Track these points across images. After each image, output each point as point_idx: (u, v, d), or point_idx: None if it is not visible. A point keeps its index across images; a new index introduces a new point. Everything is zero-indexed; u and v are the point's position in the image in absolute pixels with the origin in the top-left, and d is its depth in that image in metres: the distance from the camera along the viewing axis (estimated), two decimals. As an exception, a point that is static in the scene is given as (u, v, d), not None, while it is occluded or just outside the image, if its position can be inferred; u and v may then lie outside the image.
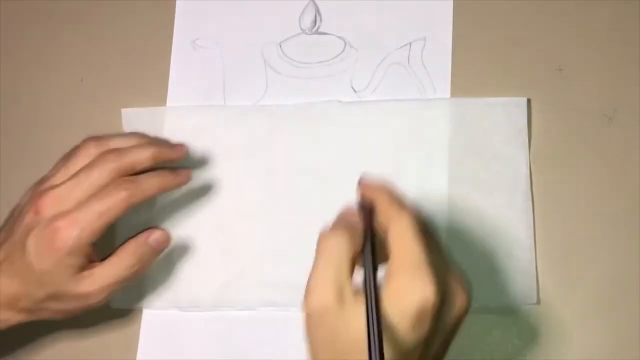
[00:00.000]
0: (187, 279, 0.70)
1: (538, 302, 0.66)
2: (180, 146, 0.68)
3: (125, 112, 0.75)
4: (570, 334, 0.66)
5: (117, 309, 0.71)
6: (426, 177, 0.70)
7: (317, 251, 0.51)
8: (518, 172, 0.69)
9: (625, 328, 0.65)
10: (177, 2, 0.78)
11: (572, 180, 0.69)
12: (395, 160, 0.70)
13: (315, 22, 0.75)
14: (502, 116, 0.70)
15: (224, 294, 0.70)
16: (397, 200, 0.53)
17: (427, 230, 0.52)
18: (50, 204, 0.62)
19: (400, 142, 0.71)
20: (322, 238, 0.52)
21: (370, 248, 0.51)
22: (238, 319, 0.70)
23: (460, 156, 0.70)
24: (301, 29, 0.76)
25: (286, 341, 0.69)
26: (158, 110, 0.75)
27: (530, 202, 0.68)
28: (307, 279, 0.51)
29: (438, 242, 0.53)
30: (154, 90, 0.76)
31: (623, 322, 0.65)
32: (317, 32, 0.75)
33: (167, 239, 0.66)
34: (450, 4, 0.74)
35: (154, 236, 0.65)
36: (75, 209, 0.61)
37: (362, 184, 0.55)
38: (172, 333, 0.70)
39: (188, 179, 0.67)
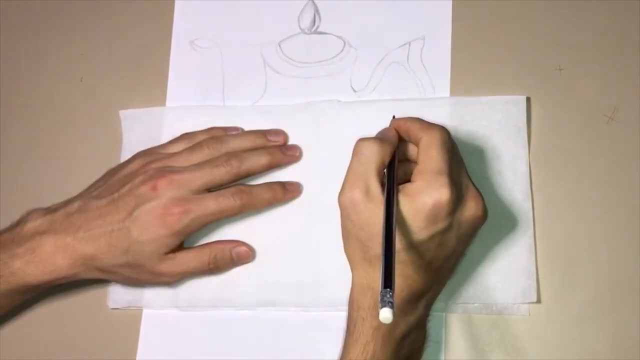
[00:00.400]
0: (187, 278, 0.70)
1: (538, 300, 0.66)
2: (293, 151, 0.71)
3: (124, 113, 0.76)
4: (570, 333, 0.66)
5: (117, 309, 0.71)
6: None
7: (352, 154, 0.61)
8: (518, 170, 0.69)
9: (624, 328, 0.65)
10: (175, 2, 0.78)
11: (572, 180, 0.69)
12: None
13: (314, 21, 0.75)
14: (501, 115, 0.70)
15: (223, 293, 0.70)
16: (429, 122, 0.62)
17: (453, 150, 0.62)
18: (168, 185, 0.66)
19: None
20: (358, 143, 0.61)
21: (395, 157, 0.61)
22: (237, 318, 0.70)
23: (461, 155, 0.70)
24: (300, 28, 0.76)
25: (285, 341, 0.69)
26: (157, 111, 0.75)
27: (530, 201, 0.68)
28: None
29: (461, 161, 0.63)
30: (154, 90, 0.76)
31: (623, 322, 0.65)
32: (317, 32, 0.75)
33: (248, 257, 0.70)
34: (450, 3, 0.74)
35: (238, 249, 0.70)
36: (193, 200, 0.66)
37: (395, 119, 0.65)
38: (172, 333, 0.70)
39: (298, 194, 0.71)
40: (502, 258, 0.67)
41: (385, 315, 0.50)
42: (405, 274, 0.59)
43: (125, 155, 0.74)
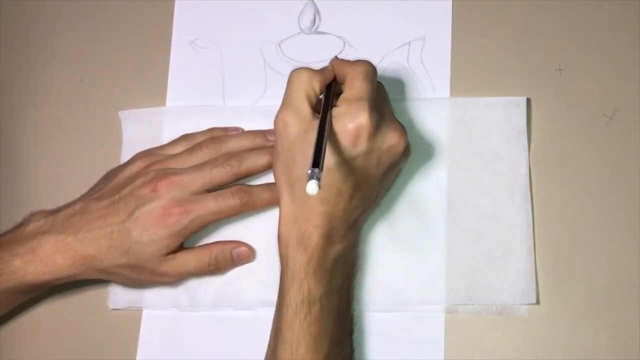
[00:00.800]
0: (187, 279, 0.70)
1: (537, 302, 0.66)
2: None
3: (124, 113, 0.75)
4: (570, 334, 0.66)
5: (117, 310, 0.71)
6: (426, 177, 0.70)
7: (287, 81, 0.64)
8: (517, 172, 0.69)
9: (624, 328, 0.65)
10: (176, 2, 0.78)
11: (571, 180, 0.69)
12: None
13: (314, 21, 0.75)
14: (501, 116, 0.70)
15: (223, 294, 0.70)
16: (357, 59, 0.65)
17: (380, 90, 0.66)
18: (168, 186, 0.67)
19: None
20: (293, 71, 0.64)
21: (332, 86, 0.65)
22: (237, 319, 0.70)
23: (460, 156, 0.70)
24: (300, 28, 0.76)
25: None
26: (157, 111, 0.75)
27: (530, 202, 0.68)
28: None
29: (387, 99, 0.67)
30: (154, 91, 0.76)
31: (622, 323, 0.65)
32: (316, 32, 0.75)
33: (248, 257, 0.70)
34: (450, 3, 0.74)
35: (239, 250, 0.70)
36: (193, 200, 0.67)
37: (334, 59, 0.68)
38: (172, 333, 0.70)
39: None
40: (502, 259, 0.67)
41: (312, 187, 0.54)
42: (325, 201, 0.62)
43: (125, 156, 0.74)
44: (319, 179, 0.55)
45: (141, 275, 0.68)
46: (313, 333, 0.61)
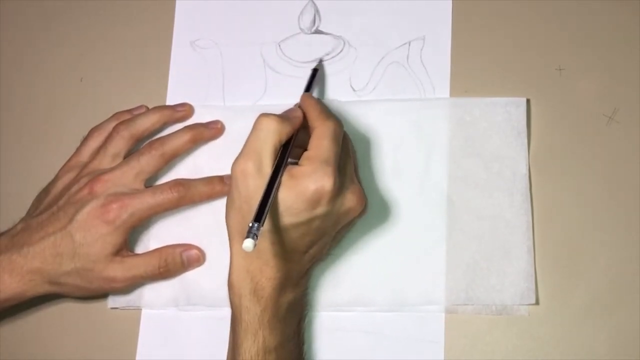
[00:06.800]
0: (186, 278, 0.71)
1: (537, 302, 0.66)
2: (214, 124, 0.73)
3: (123, 114, 0.76)
4: (569, 334, 0.66)
5: (116, 309, 0.71)
6: (425, 177, 0.70)
7: (252, 127, 0.63)
8: (517, 172, 0.69)
9: (623, 328, 0.65)
10: (176, 2, 0.78)
11: (571, 181, 0.69)
12: (394, 159, 0.70)
13: (314, 21, 0.75)
14: (501, 117, 0.70)
15: (223, 293, 0.70)
16: (326, 112, 0.65)
17: (345, 144, 0.65)
18: (103, 185, 0.68)
19: (400, 142, 0.71)
20: (259, 117, 0.63)
21: (293, 137, 0.64)
22: (237, 319, 0.70)
23: (460, 156, 0.70)
24: (300, 28, 0.76)
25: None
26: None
27: (529, 203, 0.68)
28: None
29: (352, 155, 0.66)
30: (154, 91, 0.76)
31: (621, 323, 0.65)
32: (316, 32, 0.75)
33: (198, 260, 0.71)
34: (450, 3, 0.74)
35: (188, 253, 0.70)
36: (130, 195, 0.68)
37: (303, 95, 0.68)
38: (171, 333, 0.70)
39: None
40: (501, 260, 0.67)
41: (247, 245, 0.54)
42: (279, 255, 0.62)
43: (126, 155, 0.74)
44: (256, 237, 0.55)
45: (91, 282, 0.68)
46: None
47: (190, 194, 0.69)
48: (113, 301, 0.71)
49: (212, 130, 0.73)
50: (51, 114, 0.78)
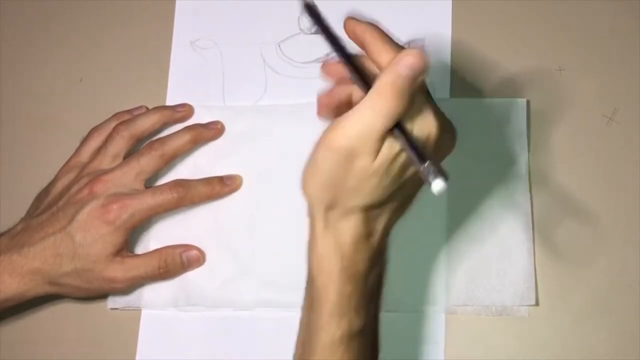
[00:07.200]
0: (186, 279, 0.71)
1: (537, 303, 0.66)
2: (214, 124, 0.73)
3: (123, 114, 0.76)
4: (569, 335, 0.66)
5: (116, 309, 0.71)
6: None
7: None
8: (517, 174, 0.69)
9: (623, 329, 0.65)
10: (176, 2, 0.78)
11: (571, 181, 0.69)
12: (394, 160, 0.70)
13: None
14: (501, 118, 0.70)
15: (223, 293, 0.70)
16: (390, 41, 0.56)
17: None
18: (104, 185, 0.68)
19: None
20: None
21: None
22: (237, 319, 0.70)
23: (460, 157, 0.70)
24: (300, 28, 0.76)
25: (285, 341, 0.69)
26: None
27: (530, 204, 0.68)
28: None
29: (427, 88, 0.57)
30: (154, 91, 0.76)
31: (621, 324, 0.65)
32: (317, 32, 0.75)
33: (198, 260, 0.71)
34: (450, 3, 0.74)
35: (188, 253, 0.70)
36: (130, 196, 0.68)
37: (350, 20, 0.58)
38: (171, 333, 0.70)
39: (237, 187, 0.72)
40: (501, 260, 0.67)
41: (440, 186, 0.49)
42: (361, 206, 0.54)
43: (126, 155, 0.74)
44: (440, 171, 0.49)
45: (91, 282, 0.68)
46: None
47: (190, 195, 0.69)
48: (113, 302, 0.71)
49: (212, 131, 0.73)
50: (51, 114, 0.78)
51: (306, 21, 0.76)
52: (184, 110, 0.73)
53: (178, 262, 0.70)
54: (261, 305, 0.69)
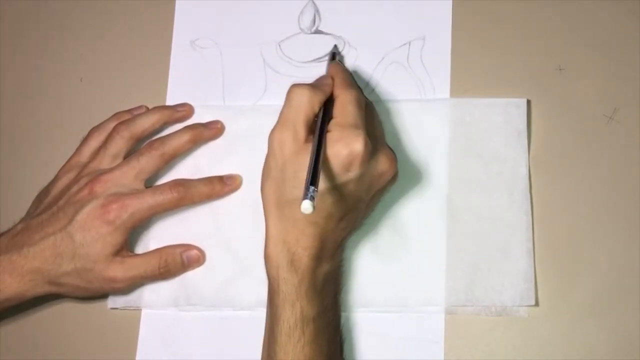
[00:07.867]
0: (186, 279, 0.71)
1: (537, 303, 0.66)
2: (214, 124, 0.73)
3: (122, 114, 0.76)
4: (569, 335, 0.66)
5: (116, 309, 0.71)
6: (425, 178, 0.70)
7: (285, 99, 0.63)
8: (517, 173, 0.69)
9: (623, 329, 0.65)
10: (176, 2, 0.78)
11: (571, 181, 0.69)
12: (394, 160, 0.70)
13: (314, 21, 0.75)
14: (501, 117, 0.70)
15: (223, 293, 0.70)
16: (349, 80, 0.66)
17: (371, 113, 0.66)
18: (103, 185, 0.68)
19: (400, 142, 0.71)
20: (291, 88, 0.64)
21: (325, 106, 0.64)
22: (237, 319, 0.70)
23: (460, 157, 0.70)
24: (300, 28, 0.76)
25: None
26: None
27: (530, 203, 0.68)
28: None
29: (379, 123, 0.68)
30: (154, 91, 0.76)
31: (621, 324, 0.65)
32: (316, 32, 0.75)
33: (198, 260, 0.71)
34: (450, 3, 0.74)
35: (189, 253, 0.70)
36: (130, 195, 0.68)
37: (331, 64, 0.69)
38: (171, 333, 0.71)
39: (237, 187, 0.72)
40: (501, 261, 0.67)
41: (306, 207, 0.55)
42: (315, 224, 0.62)
43: (127, 155, 0.74)
44: (313, 199, 0.55)
45: (91, 282, 0.68)
46: (308, 354, 0.62)
47: (190, 194, 0.70)
48: (113, 301, 0.71)
49: (212, 130, 0.73)
50: (51, 114, 0.78)
51: (306, 21, 0.76)
52: (184, 110, 0.73)
53: (178, 261, 0.70)
54: (261, 305, 0.69)
